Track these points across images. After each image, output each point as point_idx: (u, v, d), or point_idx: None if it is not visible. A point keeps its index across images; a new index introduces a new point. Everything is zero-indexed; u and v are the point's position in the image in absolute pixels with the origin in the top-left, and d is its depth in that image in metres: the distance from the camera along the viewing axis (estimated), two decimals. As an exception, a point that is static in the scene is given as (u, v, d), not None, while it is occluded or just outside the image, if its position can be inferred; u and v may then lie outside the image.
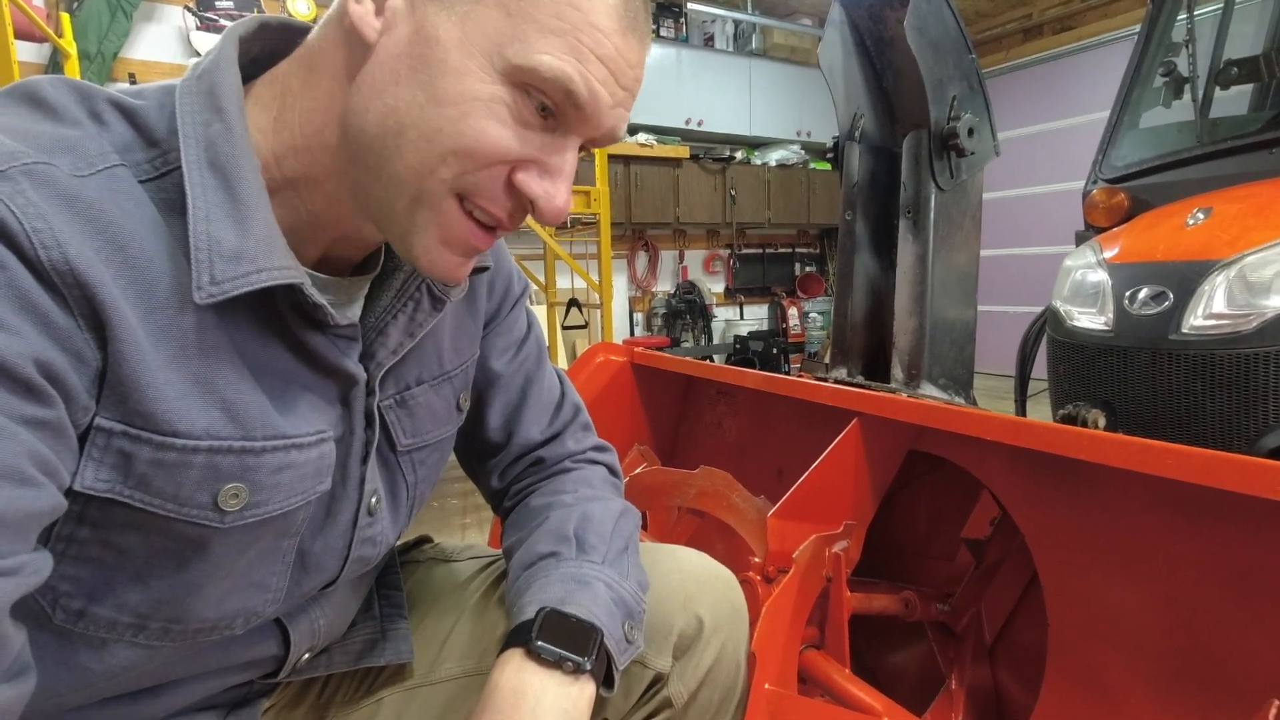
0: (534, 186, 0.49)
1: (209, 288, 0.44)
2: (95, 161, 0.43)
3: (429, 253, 0.50)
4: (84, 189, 0.41)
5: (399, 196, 0.48)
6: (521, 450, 0.75)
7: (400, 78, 0.46)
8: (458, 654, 0.71)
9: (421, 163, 0.46)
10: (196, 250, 0.44)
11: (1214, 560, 0.75)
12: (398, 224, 0.49)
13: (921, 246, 1.60)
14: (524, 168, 0.48)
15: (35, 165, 0.40)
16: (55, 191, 0.40)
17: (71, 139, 0.43)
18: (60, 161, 0.41)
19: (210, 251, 0.44)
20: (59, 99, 0.44)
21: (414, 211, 0.48)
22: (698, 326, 5.56)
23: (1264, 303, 1.31)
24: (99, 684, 0.50)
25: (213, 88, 0.46)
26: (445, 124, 0.45)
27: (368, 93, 0.46)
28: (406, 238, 0.50)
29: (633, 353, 1.51)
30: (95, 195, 0.42)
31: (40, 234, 0.39)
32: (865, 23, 1.72)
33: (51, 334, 0.39)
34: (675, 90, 5.16)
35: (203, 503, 0.46)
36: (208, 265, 0.44)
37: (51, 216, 0.39)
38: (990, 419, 0.83)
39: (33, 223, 0.39)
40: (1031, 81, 5.40)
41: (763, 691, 0.73)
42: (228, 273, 0.44)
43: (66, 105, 0.44)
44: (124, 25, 3.43)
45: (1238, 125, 2.03)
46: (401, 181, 0.47)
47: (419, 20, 0.45)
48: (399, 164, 0.47)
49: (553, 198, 0.49)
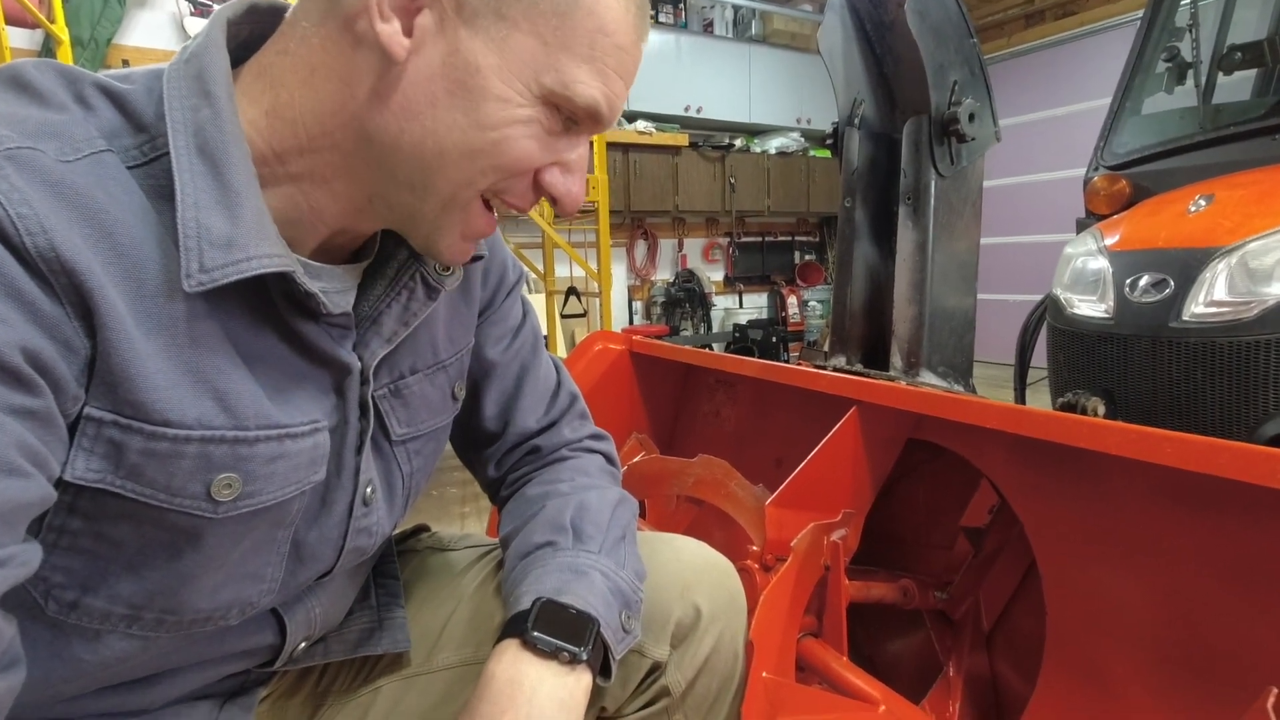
0: (559, 185, 0.53)
1: (198, 275, 0.43)
2: (81, 147, 0.42)
3: (452, 247, 0.53)
4: (70, 174, 0.41)
5: (430, 204, 0.50)
6: (518, 439, 0.75)
7: (438, 101, 0.47)
8: (455, 643, 0.70)
9: (460, 177, 0.49)
10: (185, 238, 0.43)
11: (1213, 550, 0.75)
12: (424, 224, 0.52)
13: (921, 234, 1.59)
14: (548, 169, 0.52)
15: (20, 150, 0.39)
16: (41, 177, 0.39)
17: (57, 124, 0.42)
18: (46, 147, 0.41)
19: (199, 239, 0.43)
20: (44, 83, 0.44)
21: (443, 214, 0.51)
22: (697, 315, 5.55)
23: (1265, 290, 1.30)
24: (93, 674, 0.50)
25: (201, 72, 0.46)
26: (487, 145, 0.48)
27: (400, 113, 0.47)
28: (431, 235, 0.52)
29: (631, 341, 1.51)
30: (82, 181, 0.41)
31: (26, 220, 0.38)
32: (865, 7, 1.70)
33: (39, 322, 0.39)
34: (674, 77, 5.13)
35: (196, 493, 0.46)
36: (197, 253, 0.43)
37: (37, 202, 0.39)
38: (989, 407, 0.82)
39: (18, 209, 0.38)
40: (1033, 67, 5.36)
41: (761, 680, 0.72)
42: (217, 260, 0.44)
43: (52, 89, 0.44)
44: (117, 11, 3.40)
45: (1240, 111, 2.01)
46: (437, 192, 0.49)
47: (452, 44, 0.46)
48: (438, 179, 0.49)
49: (573, 192, 0.53)
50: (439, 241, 0.53)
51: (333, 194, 0.50)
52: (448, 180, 0.49)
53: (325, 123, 0.48)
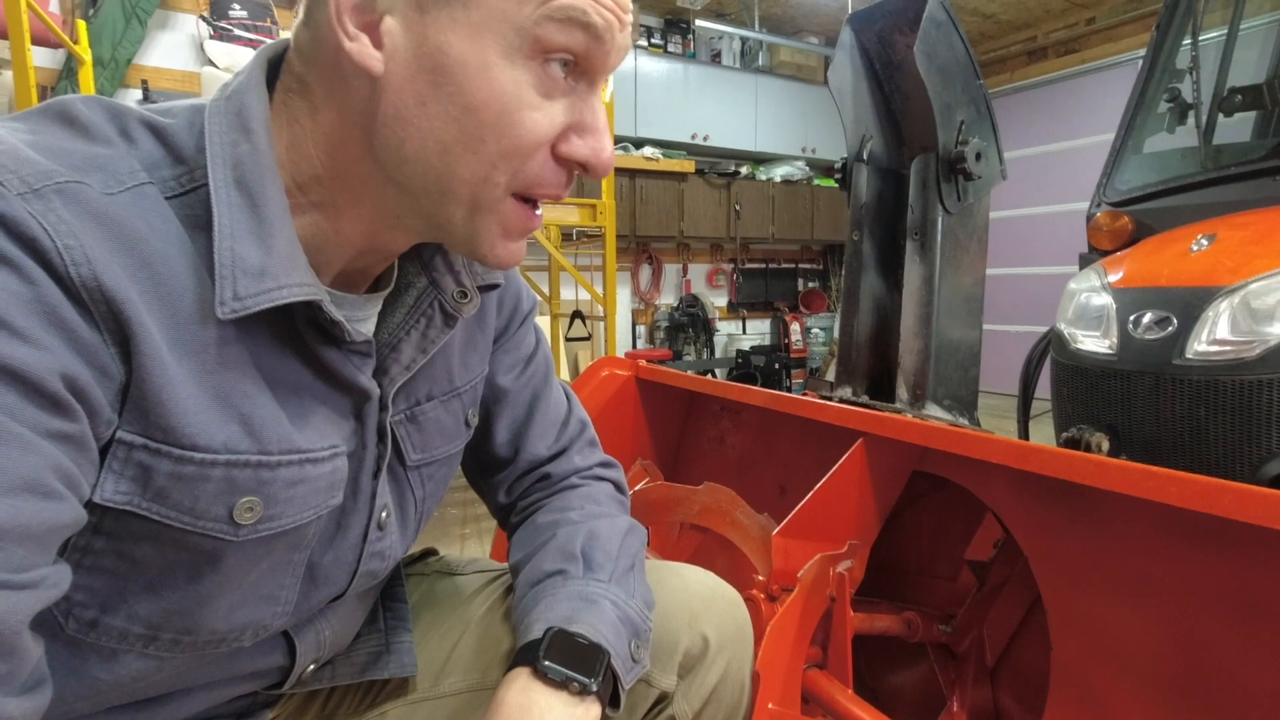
0: (581, 150, 0.50)
1: (232, 303, 0.44)
2: (125, 179, 0.44)
3: (495, 249, 0.51)
4: (113, 206, 0.42)
5: (456, 209, 0.49)
6: (528, 466, 0.75)
7: (425, 99, 0.46)
8: (462, 668, 0.71)
9: (474, 173, 0.48)
10: (221, 266, 0.44)
11: (1217, 587, 0.75)
12: (459, 232, 0.51)
13: (928, 268, 1.61)
14: (564, 138, 0.49)
15: (68, 184, 0.41)
16: (86, 209, 0.41)
17: (102, 157, 0.44)
18: (92, 180, 0.42)
19: (234, 268, 0.45)
20: (91, 117, 0.45)
21: (474, 218, 0.50)
22: (700, 340, 5.57)
23: (1267, 330, 1.31)
24: (106, 693, 0.50)
25: (241, 109, 0.47)
26: (485, 129, 0.46)
27: (396, 123, 0.47)
28: (471, 241, 0.51)
29: (637, 367, 1.52)
30: (124, 212, 0.42)
31: (71, 251, 0.39)
32: (875, 47, 1.74)
33: (78, 349, 0.40)
34: (682, 105, 5.20)
35: (218, 515, 0.47)
36: (231, 281, 0.44)
37: (82, 234, 0.40)
38: (994, 442, 0.83)
39: (64, 240, 0.39)
40: (1036, 103, 5.44)
41: (766, 711, 0.72)
42: (250, 289, 0.45)
43: (98, 124, 0.45)
44: (138, 32, 3.47)
45: (1241, 152, 2.04)
46: (457, 195, 0.48)
47: (419, 36, 0.45)
48: (452, 181, 0.48)
49: (600, 152, 0.50)
50: (480, 245, 0.51)
51: (357, 217, 0.51)
52: (462, 181, 0.48)
53: (335, 153, 0.49)
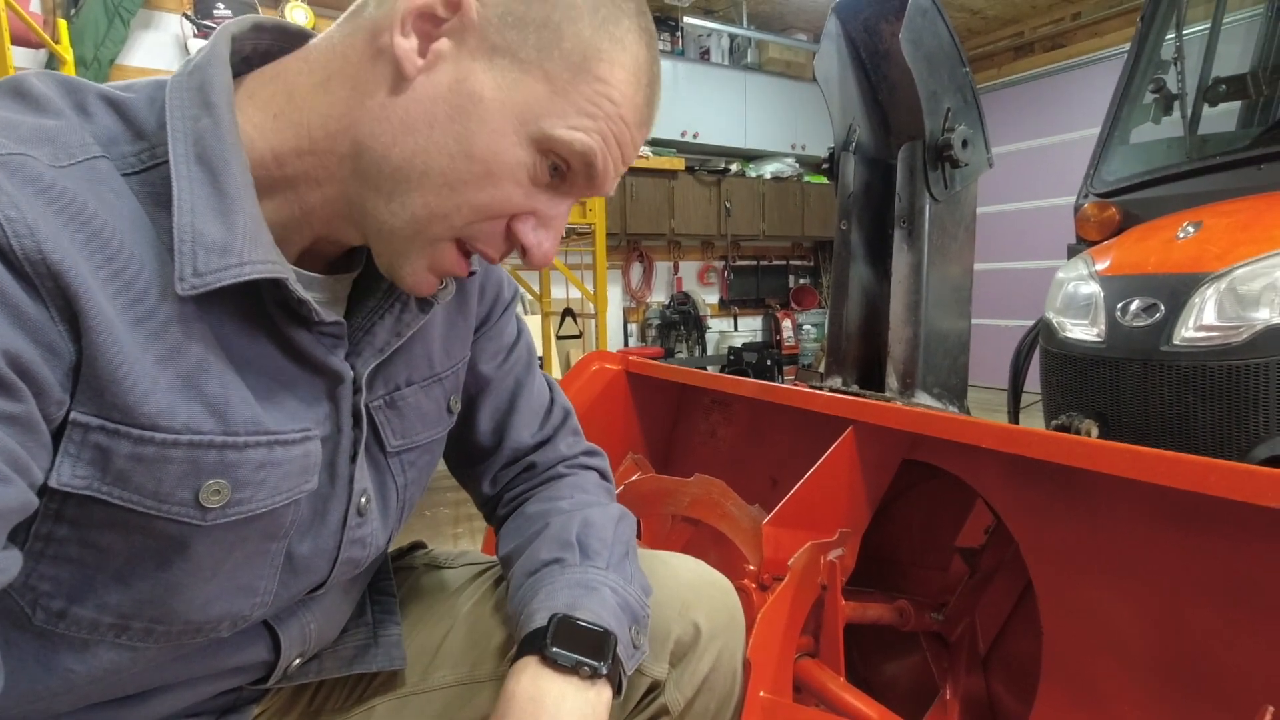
0: (529, 236, 0.52)
1: (191, 279, 0.43)
2: (75, 153, 0.43)
3: (413, 275, 0.52)
4: (61, 179, 0.41)
5: (403, 226, 0.50)
6: (512, 455, 0.75)
7: (435, 123, 0.47)
8: (451, 662, 0.70)
9: (436, 205, 0.49)
10: (180, 242, 0.43)
11: (1207, 570, 0.75)
12: (391, 246, 0.51)
13: (916, 256, 1.61)
14: (522, 218, 0.52)
15: (10, 156, 0.40)
16: (31, 182, 0.40)
17: (52, 130, 0.43)
18: (38, 152, 0.41)
19: (194, 243, 0.44)
20: (43, 91, 0.44)
21: (412, 242, 0.51)
22: (692, 338, 5.56)
23: (1253, 315, 1.32)
24: (83, 687, 0.49)
25: (203, 84, 0.46)
26: (470, 178, 0.48)
27: (397, 126, 0.48)
28: (396, 259, 0.52)
29: (627, 361, 1.51)
30: (73, 186, 0.41)
31: (13, 222, 0.38)
32: (860, 35, 1.74)
33: (22, 326, 0.39)
34: (671, 103, 5.19)
35: (183, 499, 0.46)
36: (190, 257, 0.43)
37: (25, 206, 0.39)
38: (985, 427, 0.83)
39: (5, 211, 0.38)
40: (1023, 98, 5.46)
41: (758, 699, 0.72)
42: (210, 265, 0.44)
43: (50, 97, 0.44)
44: (121, 32, 3.43)
45: (1226, 142, 2.05)
46: (411, 216, 0.49)
47: (463, 73, 0.47)
48: (415, 200, 0.49)
49: (542, 244, 0.53)
50: (403, 266, 0.52)
51: (323, 198, 0.51)
52: (424, 204, 0.49)
53: (329, 125, 0.49)
